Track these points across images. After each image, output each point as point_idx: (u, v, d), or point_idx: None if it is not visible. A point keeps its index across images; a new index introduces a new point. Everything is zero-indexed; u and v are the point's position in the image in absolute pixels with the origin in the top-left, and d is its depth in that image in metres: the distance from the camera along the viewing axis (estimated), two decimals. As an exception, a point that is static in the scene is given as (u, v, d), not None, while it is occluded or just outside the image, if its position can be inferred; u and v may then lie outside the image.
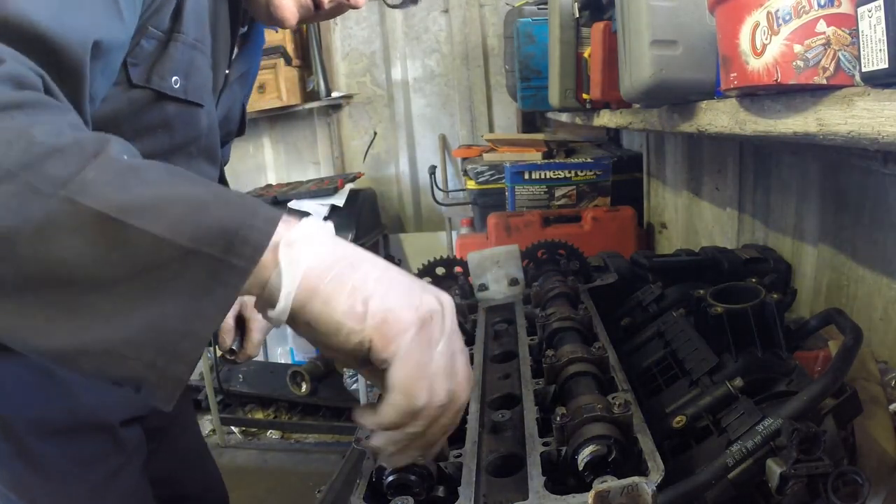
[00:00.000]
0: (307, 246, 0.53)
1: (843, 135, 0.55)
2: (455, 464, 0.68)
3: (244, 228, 0.50)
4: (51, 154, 0.48)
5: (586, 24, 1.56)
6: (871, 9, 0.49)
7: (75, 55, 0.61)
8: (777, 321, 0.84)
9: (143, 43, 0.78)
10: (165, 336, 0.49)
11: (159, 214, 0.49)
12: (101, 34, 0.65)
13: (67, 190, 0.47)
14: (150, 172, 0.52)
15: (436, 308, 0.58)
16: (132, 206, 0.48)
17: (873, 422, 0.85)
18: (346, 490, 0.99)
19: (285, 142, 4.47)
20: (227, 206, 0.51)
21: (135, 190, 0.49)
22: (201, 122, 0.93)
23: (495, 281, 1.22)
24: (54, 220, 0.47)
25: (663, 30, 0.88)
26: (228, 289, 0.50)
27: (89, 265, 0.48)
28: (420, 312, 0.56)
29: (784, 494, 0.65)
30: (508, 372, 0.92)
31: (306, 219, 0.56)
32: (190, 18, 0.83)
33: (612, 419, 0.65)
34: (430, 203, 3.97)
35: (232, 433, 3.27)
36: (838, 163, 1.21)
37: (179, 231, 0.49)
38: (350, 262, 0.55)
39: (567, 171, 2.41)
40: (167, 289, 0.49)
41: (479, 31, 4.07)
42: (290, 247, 0.53)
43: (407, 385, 0.55)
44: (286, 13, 0.93)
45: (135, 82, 0.80)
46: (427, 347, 0.56)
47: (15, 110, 0.50)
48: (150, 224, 0.48)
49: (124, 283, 0.49)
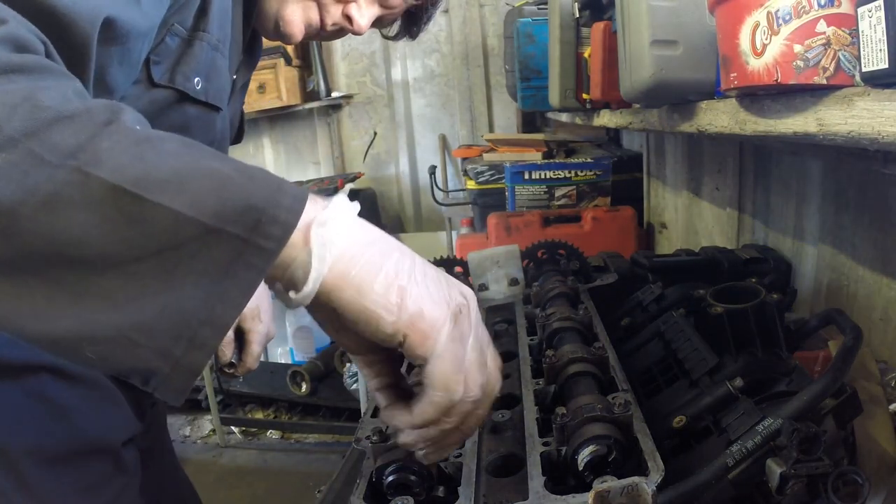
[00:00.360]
0: (340, 227, 0.50)
1: (843, 135, 0.55)
2: (455, 464, 0.68)
3: (272, 206, 0.46)
4: (58, 120, 0.44)
5: (586, 24, 1.57)
6: (871, 9, 0.49)
7: (83, 30, 0.58)
8: (777, 321, 0.84)
9: (168, 40, 0.76)
10: (183, 322, 0.45)
11: (180, 189, 0.45)
12: (114, 11, 0.62)
13: (78, 160, 0.43)
14: (168, 144, 0.48)
15: (463, 302, 0.56)
16: (150, 179, 0.44)
17: (873, 422, 0.85)
18: (346, 490, 0.99)
19: (285, 142, 4.47)
20: (252, 182, 0.47)
21: (152, 162, 0.45)
22: (216, 126, 0.92)
23: (495, 281, 1.22)
24: (62, 192, 0.43)
25: (663, 30, 0.88)
26: (254, 271, 0.46)
27: (100, 243, 0.44)
28: (452, 307, 0.54)
29: (784, 494, 0.65)
30: (508, 372, 0.92)
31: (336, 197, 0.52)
32: (215, 19, 0.81)
33: (612, 419, 0.65)
34: (430, 203, 3.97)
35: (232, 433, 3.27)
36: (838, 163, 1.21)
37: (202, 207, 0.45)
38: (381, 248, 0.52)
39: (567, 171, 2.41)
40: (187, 270, 0.45)
41: (479, 31, 4.08)
42: (323, 226, 0.49)
43: (446, 382, 0.53)
44: (294, 29, 0.94)
45: (157, 81, 0.77)
46: (460, 343, 0.54)
47: (16, 73, 0.46)
48: (169, 199, 0.44)
49: (139, 264, 0.44)
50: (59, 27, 0.55)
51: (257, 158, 4.46)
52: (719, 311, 0.85)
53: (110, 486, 0.92)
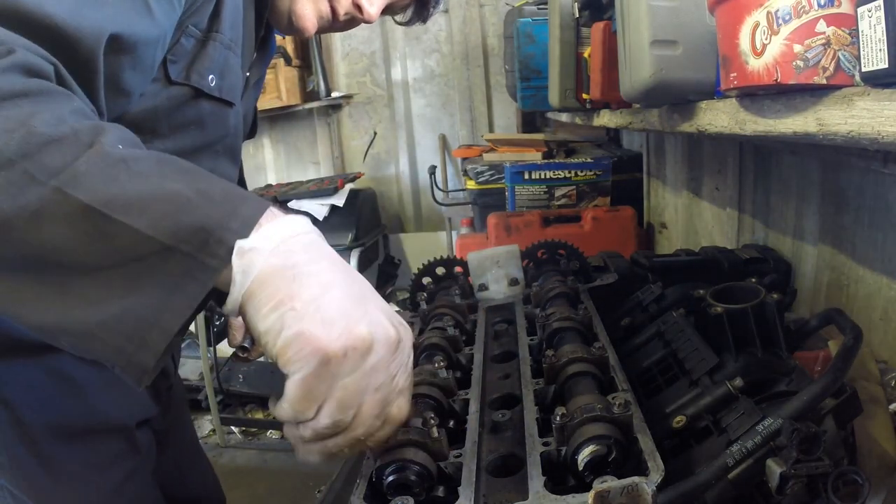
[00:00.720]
0: (256, 258, 0.55)
1: (843, 135, 0.55)
2: (455, 464, 0.68)
3: (220, 229, 0.53)
4: (48, 143, 0.51)
5: (586, 24, 1.57)
6: (871, 9, 0.49)
7: (88, 47, 0.63)
8: (777, 321, 0.84)
9: (183, 41, 0.81)
10: (136, 325, 0.52)
11: (142, 210, 0.52)
12: (120, 28, 0.66)
13: (59, 180, 0.50)
14: (141, 164, 0.54)
15: (363, 341, 0.57)
16: (117, 201, 0.51)
17: (873, 422, 0.85)
18: (346, 490, 0.99)
19: (285, 142, 4.47)
20: (209, 204, 0.54)
21: (122, 184, 0.52)
22: (230, 121, 0.95)
23: (495, 281, 1.21)
24: (46, 208, 0.50)
25: (663, 30, 0.88)
26: (199, 285, 0.53)
27: (77, 252, 0.51)
28: (343, 343, 0.56)
29: (784, 494, 0.65)
30: (508, 372, 0.92)
31: (283, 220, 0.57)
32: (227, 20, 0.85)
33: (611, 419, 0.65)
34: (430, 203, 3.97)
35: (232, 433, 3.27)
36: (838, 163, 1.21)
37: (159, 228, 0.52)
38: (295, 273, 0.56)
39: (567, 171, 2.42)
40: (144, 281, 0.52)
41: (479, 31, 4.08)
42: (242, 258, 0.55)
43: (294, 402, 0.56)
44: (307, 23, 0.97)
45: (174, 79, 0.82)
46: (329, 376, 0.56)
47: (21, 98, 0.52)
48: (133, 219, 0.51)
49: (107, 272, 0.52)
50: (66, 46, 0.61)
51: (257, 158, 4.47)
52: (719, 311, 0.85)
53: (123, 464, 0.97)
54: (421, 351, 0.90)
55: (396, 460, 0.64)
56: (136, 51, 0.71)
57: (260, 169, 4.49)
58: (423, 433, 0.66)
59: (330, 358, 0.55)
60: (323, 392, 0.56)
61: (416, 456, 0.65)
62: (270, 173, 4.50)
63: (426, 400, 0.76)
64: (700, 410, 0.80)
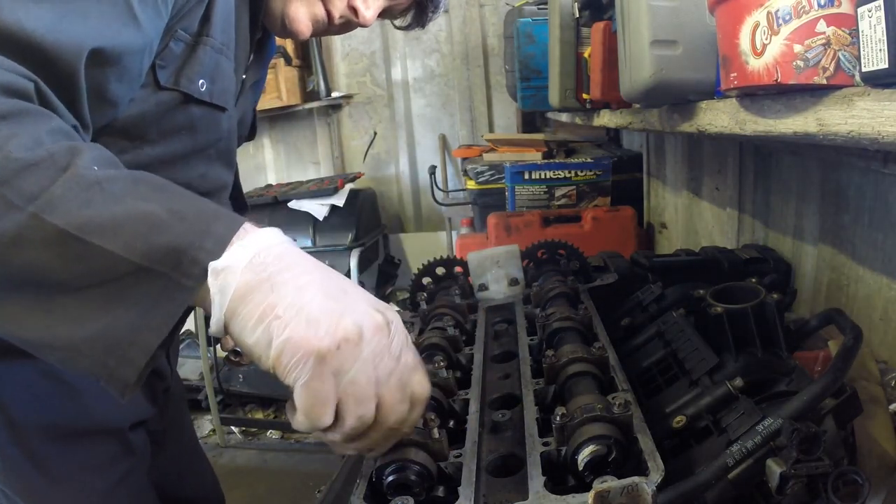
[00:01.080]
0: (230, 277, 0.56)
1: (843, 135, 0.55)
2: (455, 464, 0.68)
3: (193, 249, 0.55)
4: (25, 168, 0.53)
5: (586, 24, 1.57)
6: (871, 9, 0.49)
7: (68, 63, 0.63)
8: (777, 321, 0.84)
9: (172, 45, 0.80)
10: (116, 342, 0.54)
11: (115, 233, 0.53)
12: (103, 41, 0.66)
13: (35, 206, 0.52)
14: (115, 185, 0.56)
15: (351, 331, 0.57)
16: (91, 224, 0.53)
17: (873, 422, 0.85)
18: (346, 490, 0.99)
19: (285, 142, 4.47)
20: (181, 224, 0.55)
21: (96, 206, 0.54)
22: (223, 125, 0.94)
23: (495, 281, 1.21)
24: (24, 234, 0.52)
25: (663, 30, 0.88)
26: (175, 304, 0.55)
27: (57, 273, 0.53)
28: (332, 338, 0.56)
29: (784, 494, 0.65)
30: (508, 372, 0.92)
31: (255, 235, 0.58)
32: (218, 23, 0.84)
33: (611, 419, 0.65)
34: (430, 203, 3.97)
35: (232, 433, 3.27)
36: (838, 163, 1.21)
37: (132, 249, 0.53)
38: (272, 284, 0.57)
39: (567, 171, 2.41)
40: (123, 300, 0.54)
41: (479, 31, 4.08)
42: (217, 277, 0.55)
43: (306, 410, 0.57)
44: (301, 27, 0.96)
45: (163, 84, 0.81)
46: (331, 375, 0.56)
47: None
48: (107, 241, 0.53)
49: (87, 291, 0.54)
50: (46, 63, 0.61)
51: (257, 158, 4.47)
52: (719, 311, 0.85)
53: (117, 466, 0.97)
54: (421, 351, 0.90)
55: (396, 460, 0.64)
56: (122, 62, 0.70)
57: (260, 169, 4.49)
58: (424, 433, 0.66)
59: (324, 355, 0.55)
60: (330, 392, 0.56)
61: (417, 456, 0.65)
62: (270, 173, 4.50)
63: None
64: (700, 410, 0.80)
